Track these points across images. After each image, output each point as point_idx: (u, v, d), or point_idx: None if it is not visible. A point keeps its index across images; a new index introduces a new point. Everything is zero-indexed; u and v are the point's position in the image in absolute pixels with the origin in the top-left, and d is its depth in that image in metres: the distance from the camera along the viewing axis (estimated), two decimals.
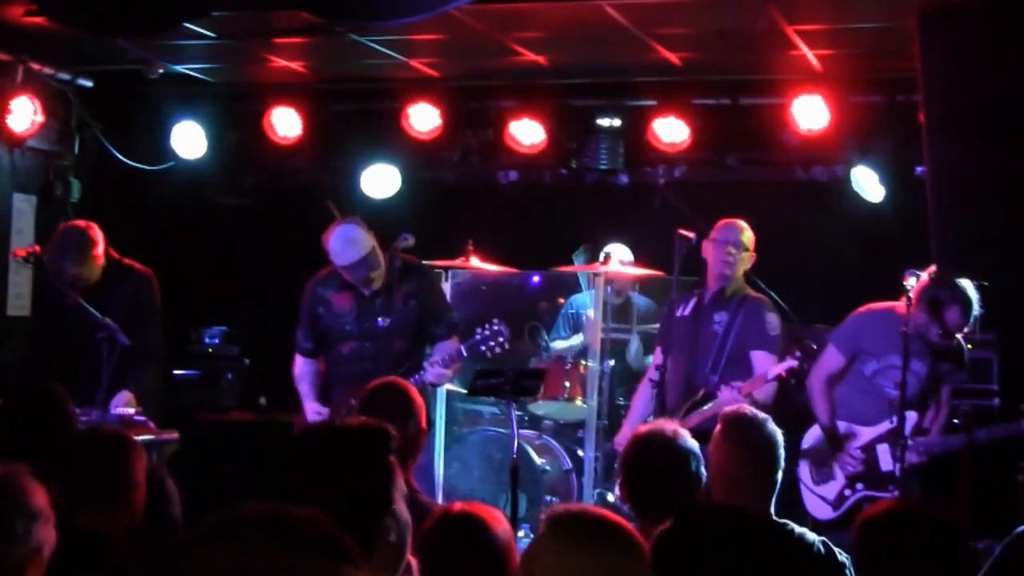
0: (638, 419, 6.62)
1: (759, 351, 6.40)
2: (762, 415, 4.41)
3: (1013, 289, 7.05)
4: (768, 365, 6.29)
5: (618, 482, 6.26)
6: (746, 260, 6.59)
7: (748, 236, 6.59)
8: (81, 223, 6.78)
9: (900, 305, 6.19)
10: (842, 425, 6.47)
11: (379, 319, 6.39)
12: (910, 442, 6.18)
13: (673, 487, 4.06)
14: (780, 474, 4.27)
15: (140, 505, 3.63)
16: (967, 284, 6.20)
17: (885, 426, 6.30)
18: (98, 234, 6.67)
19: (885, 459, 6.35)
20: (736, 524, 2.51)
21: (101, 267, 6.66)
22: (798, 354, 6.12)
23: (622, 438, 6.55)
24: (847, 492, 6.41)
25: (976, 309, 6.21)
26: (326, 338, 6.59)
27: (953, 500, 6.16)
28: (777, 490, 4.26)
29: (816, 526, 5.86)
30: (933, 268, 6.09)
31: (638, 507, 4.13)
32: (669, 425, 4.34)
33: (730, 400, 6.01)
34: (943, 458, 6.30)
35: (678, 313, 6.62)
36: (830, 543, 4.04)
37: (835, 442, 6.44)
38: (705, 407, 6.26)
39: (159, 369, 7.03)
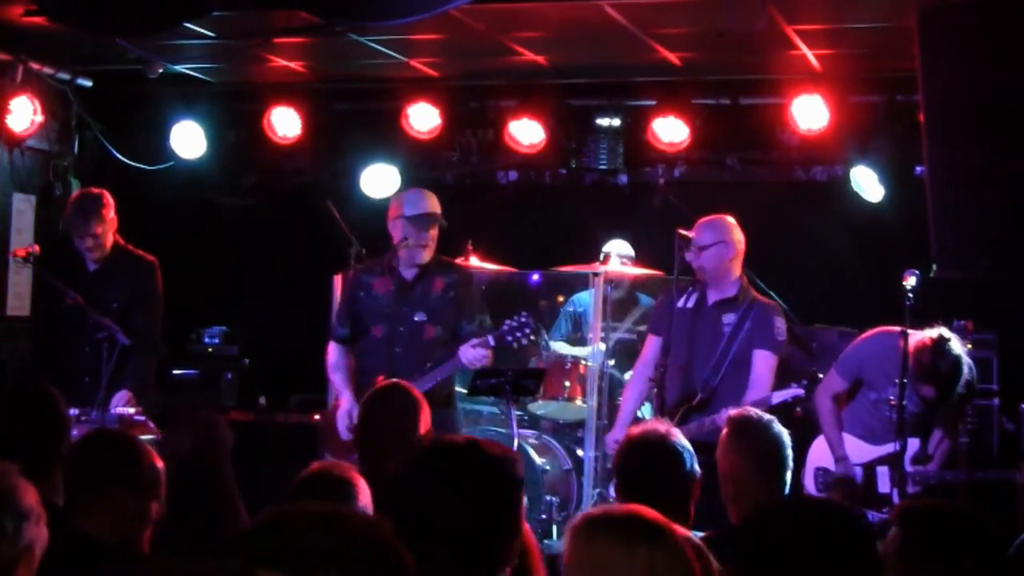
0: (630, 415, 6.57)
1: (762, 350, 6.28)
2: (767, 416, 4.39)
3: (1013, 289, 7.05)
4: (768, 366, 6.24)
5: (612, 483, 6.27)
6: (740, 254, 6.44)
7: (737, 232, 6.44)
8: (93, 189, 6.87)
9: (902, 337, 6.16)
10: (852, 440, 6.47)
11: (416, 313, 6.42)
12: (909, 469, 6.21)
13: (668, 486, 4.06)
14: (789, 474, 4.26)
15: (149, 509, 3.57)
16: (962, 357, 6.13)
17: (887, 449, 6.29)
18: (111, 199, 6.74)
19: (883, 481, 6.35)
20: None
21: (112, 242, 6.71)
22: (804, 382, 6.10)
23: (613, 437, 6.48)
24: None
25: (959, 388, 6.15)
26: (361, 322, 6.54)
27: None
28: (787, 491, 4.25)
29: None
30: (934, 334, 6.07)
31: None
32: (662, 425, 4.34)
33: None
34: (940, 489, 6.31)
35: (679, 304, 6.50)
36: None
37: (839, 459, 6.46)
38: (704, 418, 6.17)
39: (155, 361, 7.03)
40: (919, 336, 6.10)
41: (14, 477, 2.72)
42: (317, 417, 7.27)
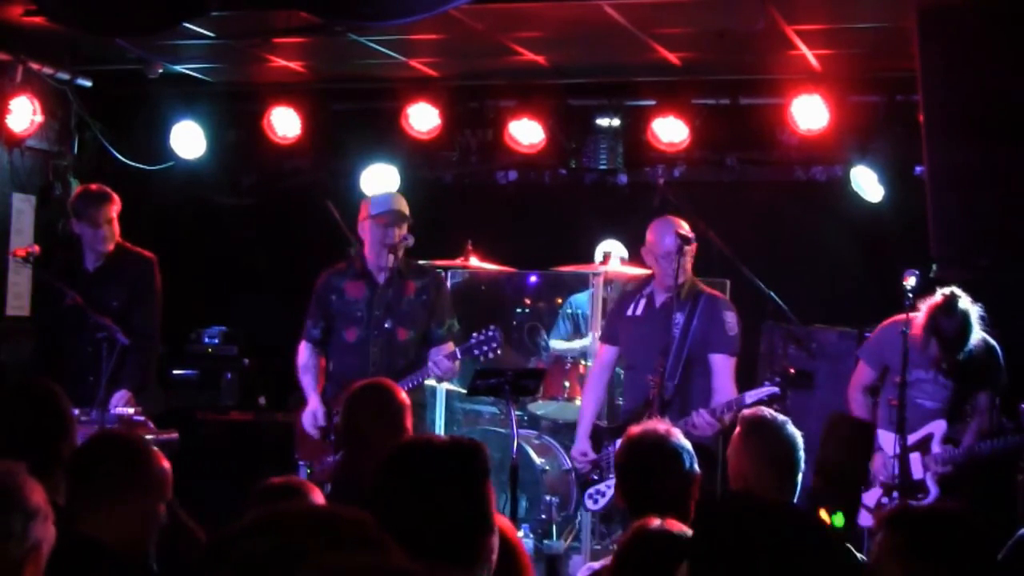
0: (590, 424, 6.48)
1: (718, 355, 6.19)
2: (781, 417, 4.38)
3: (1013, 289, 7.05)
4: (727, 369, 6.17)
5: (592, 488, 6.26)
6: (691, 253, 6.36)
7: (687, 228, 6.35)
8: (92, 185, 6.89)
9: (919, 320, 6.17)
10: (885, 434, 6.48)
11: (388, 315, 6.46)
12: (938, 450, 6.28)
13: (667, 485, 4.07)
14: (800, 476, 4.25)
15: (158, 511, 3.54)
16: (971, 315, 6.16)
17: (917, 436, 6.33)
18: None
19: (916, 467, 6.38)
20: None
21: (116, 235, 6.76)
22: (778, 380, 6.09)
23: (579, 450, 6.41)
24: (884, 500, 6.44)
25: (968, 346, 6.20)
26: (334, 325, 6.59)
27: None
28: (797, 492, 4.24)
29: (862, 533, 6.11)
30: (946, 291, 6.11)
31: (632, 506, 4.14)
32: (661, 424, 4.34)
33: (702, 426, 5.85)
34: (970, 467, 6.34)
35: (628, 312, 6.47)
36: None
37: (871, 450, 6.49)
38: (676, 423, 6.07)
39: (155, 360, 7.03)
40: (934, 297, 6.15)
41: (21, 476, 2.72)
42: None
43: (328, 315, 6.61)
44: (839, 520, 2.45)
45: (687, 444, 4.15)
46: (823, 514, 2.45)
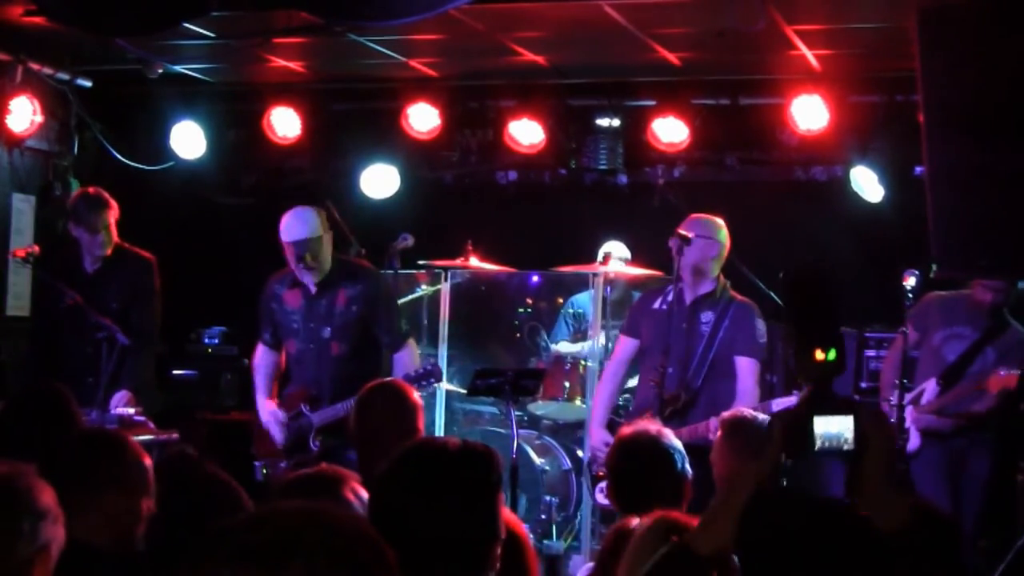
0: (604, 415, 6.49)
1: (745, 357, 6.20)
2: (762, 416, 4.41)
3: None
4: (753, 373, 6.18)
5: (604, 483, 6.24)
6: (723, 256, 6.39)
7: (725, 233, 6.38)
8: (90, 188, 6.88)
9: (965, 291, 6.38)
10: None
11: (323, 327, 6.40)
12: (926, 399, 6.51)
13: (660, 486, 4.08)
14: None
15: (140, 507, 3.52)
16: None
17: (913, 392, 6.52)
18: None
19: (909, 418, 6.55)
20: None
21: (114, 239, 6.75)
22: (806, 389, 6.09)
23: (601, 439, 6.44)
24: None
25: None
26: (278, 334, 6.61)
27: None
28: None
29: None
30: None
31: (624, 506, 4.15)
32: (653, 425, 4.35)
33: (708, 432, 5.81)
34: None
35: (655, 305, 6.48)
36: None
37: (885, 399, 6.66)
38: (698, 425, 6.00)
39: (153, 359, 7.04)
40: None
41: (31, 477, 2.72)
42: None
43: (273, 323, 6.61)
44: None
45: (679, 445, 4.16)
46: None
